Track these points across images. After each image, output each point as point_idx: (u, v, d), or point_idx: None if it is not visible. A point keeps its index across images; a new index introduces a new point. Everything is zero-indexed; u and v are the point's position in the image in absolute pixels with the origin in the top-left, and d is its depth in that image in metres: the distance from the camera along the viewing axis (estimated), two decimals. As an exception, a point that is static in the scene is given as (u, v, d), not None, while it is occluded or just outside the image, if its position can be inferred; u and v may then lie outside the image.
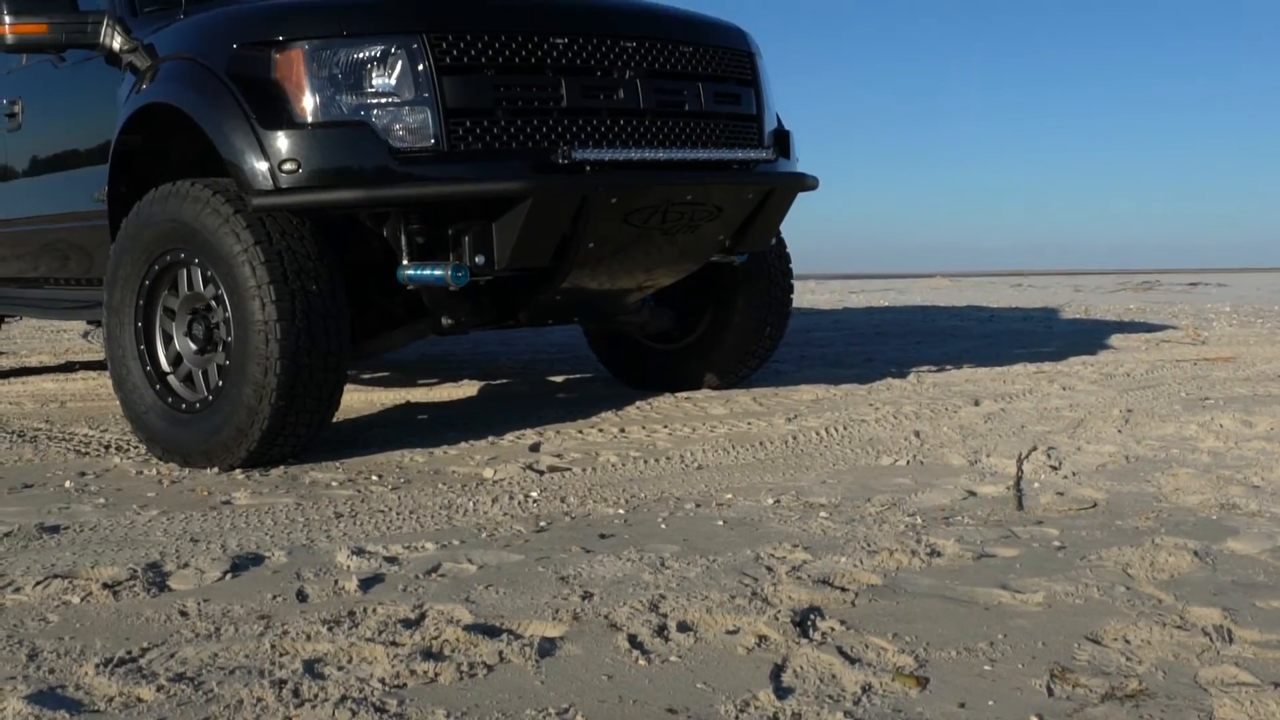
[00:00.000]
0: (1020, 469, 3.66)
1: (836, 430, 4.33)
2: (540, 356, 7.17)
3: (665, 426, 4.49)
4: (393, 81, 3.73)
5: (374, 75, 3.74)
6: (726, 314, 5.19)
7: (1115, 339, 7.79)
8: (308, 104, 3.71)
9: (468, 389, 5.70)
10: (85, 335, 9.48)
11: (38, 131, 5.38)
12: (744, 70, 4.47)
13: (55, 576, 2.62)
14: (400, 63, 3.73)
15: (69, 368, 7.68)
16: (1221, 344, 7.45)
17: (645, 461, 3.86)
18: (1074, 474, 3.60)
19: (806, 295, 16.64)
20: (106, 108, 4.66)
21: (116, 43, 4.60)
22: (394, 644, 2.17)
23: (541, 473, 3.72)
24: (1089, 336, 8.03)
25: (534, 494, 3.42)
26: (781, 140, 4.66)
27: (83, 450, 4.28)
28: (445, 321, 4.14)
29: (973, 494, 3.37)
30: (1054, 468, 3.69)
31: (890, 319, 10.39)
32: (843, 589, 2.49)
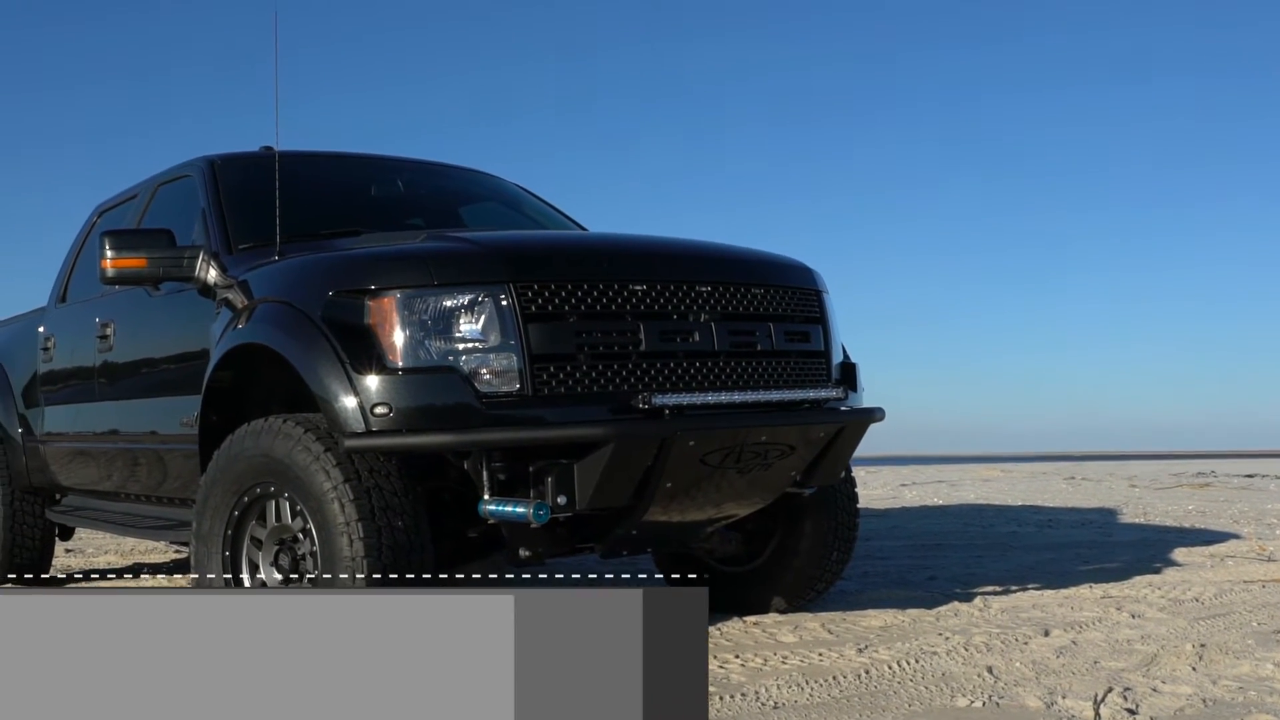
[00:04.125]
0: (1098, 713, 3.66)
1: (908, 663, 4.34)
2: (602, 565, 7.21)
3: (737, 656, 4.51)
4: (480, 328, 3.89)
5: (463, 322, 3.89)
6: (794, 540, 5.25)
7: (1179, 553, 7.75)
8: (399, 349, 3.86)
9: (535, 607, 5.73)
10: None
11: (129, 354, 5.59)
12: (812, 308, 4.61)
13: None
14: (488, 311, 3.89)
15: (136, 570, 7.81)
16: (1287, 559, 7.39)
17: (720, 698, 3.88)
18: (1152, 719, 3.59)
19: (859, 488, 16.56)
20: (197, 338, 4.86)
21: (211, 277, 4.83)
22: None
23: (618, 711, 3.75)
24: (1152, 550, 7.98)
25: (613, 737, 3.44)
26: (848, 373, 4.77)
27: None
28: (523, 553, 4.22)
29: (1052, 743, 3.37)
30: (1131, 711, 3.68)
31: (947, 525, 10.37)
32: None
